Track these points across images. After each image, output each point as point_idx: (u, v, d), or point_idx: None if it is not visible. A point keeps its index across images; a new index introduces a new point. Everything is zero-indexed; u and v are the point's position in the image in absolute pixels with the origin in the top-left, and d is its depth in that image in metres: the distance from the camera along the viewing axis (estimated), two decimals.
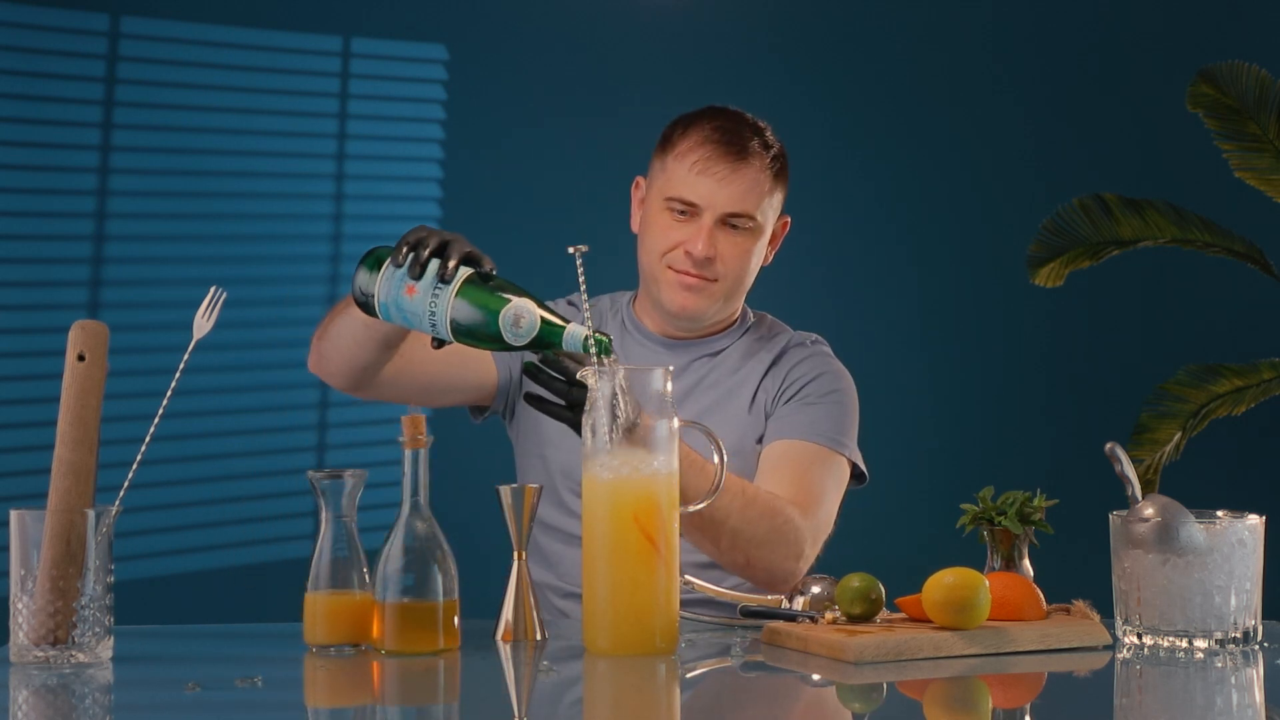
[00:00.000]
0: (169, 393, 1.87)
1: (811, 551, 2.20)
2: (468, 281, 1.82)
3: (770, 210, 2.31)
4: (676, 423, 1.80)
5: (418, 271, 1.82)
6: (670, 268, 2.28)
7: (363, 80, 4.00)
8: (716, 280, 2.28)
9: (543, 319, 1.81)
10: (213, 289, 1.91)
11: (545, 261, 2.87)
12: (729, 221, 2.27)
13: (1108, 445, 1.87)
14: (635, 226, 2.37)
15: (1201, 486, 3.41)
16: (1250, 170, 3.73)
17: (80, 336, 1.82)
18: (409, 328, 1.87)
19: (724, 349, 2.37)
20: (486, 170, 4.01)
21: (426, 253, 1.82)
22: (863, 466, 2.33)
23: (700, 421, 2.26)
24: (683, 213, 2.27)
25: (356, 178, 3.98)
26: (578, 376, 1.85)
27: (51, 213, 3.89)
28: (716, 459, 1.95)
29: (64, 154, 3.88)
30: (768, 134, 2.33)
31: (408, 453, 1.80)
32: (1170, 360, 3.81)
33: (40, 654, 1.71)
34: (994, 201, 4.10)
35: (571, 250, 1.99)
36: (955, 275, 4.09)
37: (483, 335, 1.82)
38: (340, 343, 2.14)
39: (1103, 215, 3.74)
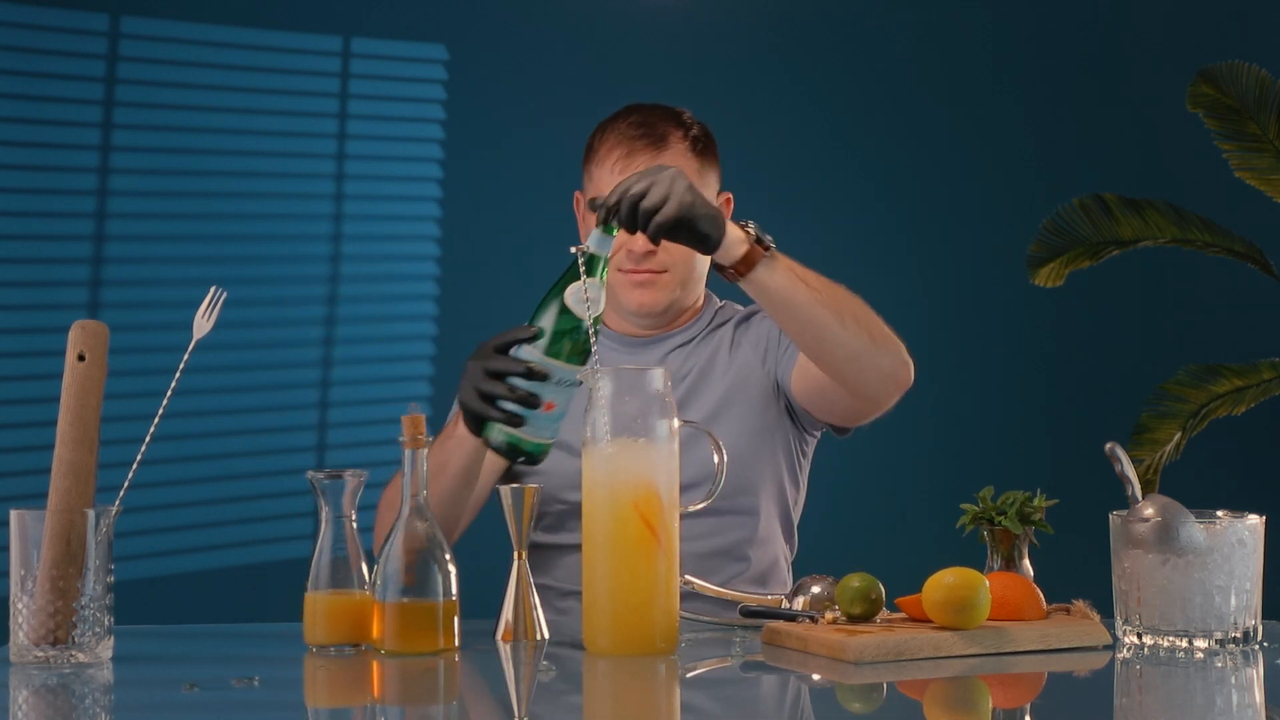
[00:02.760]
0: (169, 393, 1.87)
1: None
2: (549, 348, 1.87)
3: (703, 190, 2.32)
4: (676, 423, 1.81)
5: (535, 402, 1.86)
6: (619, 270, 2.30)
7: (363, 80, 4.00)
8: (665, 271, 2.30)
9: (561, 307, 1.86)
10: (213, 289, 1.91)
11: (545, 262, 2.87)
12: None
13: (1108, 445, 1.87)
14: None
15: (1201, 486, 3.41)
16: (1250, 170, 3.73)
17: (80, 336, 1.82)
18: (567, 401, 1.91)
19: (694, 337, 2.38)
20: (486, 170, 4.01)
21: (515, 394, 1.85)
22: None
23: (689, 407, 2.27)
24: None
25: (356, 178, 3.98)
26: (577, 378, 1.85)
27: (51, 213, 3.89)
28: (716, 459, 1.95)
29: (64, 154, 3.88)
30: (685, 116, 2.35)
31: (408, 453, 1.80)
32: (1170, 360, 3.81)
33: (40, 654, 1.71)
34: (994, 201, 4.10)
35: (574, 250, 2.00)
36: (955, 275, 4.09)
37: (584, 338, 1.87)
38: (437, 503, 2.13)
39: (1103, 215, 3.74)
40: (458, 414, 2.10)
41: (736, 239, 1.97)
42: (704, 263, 2.35)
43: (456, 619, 1.79)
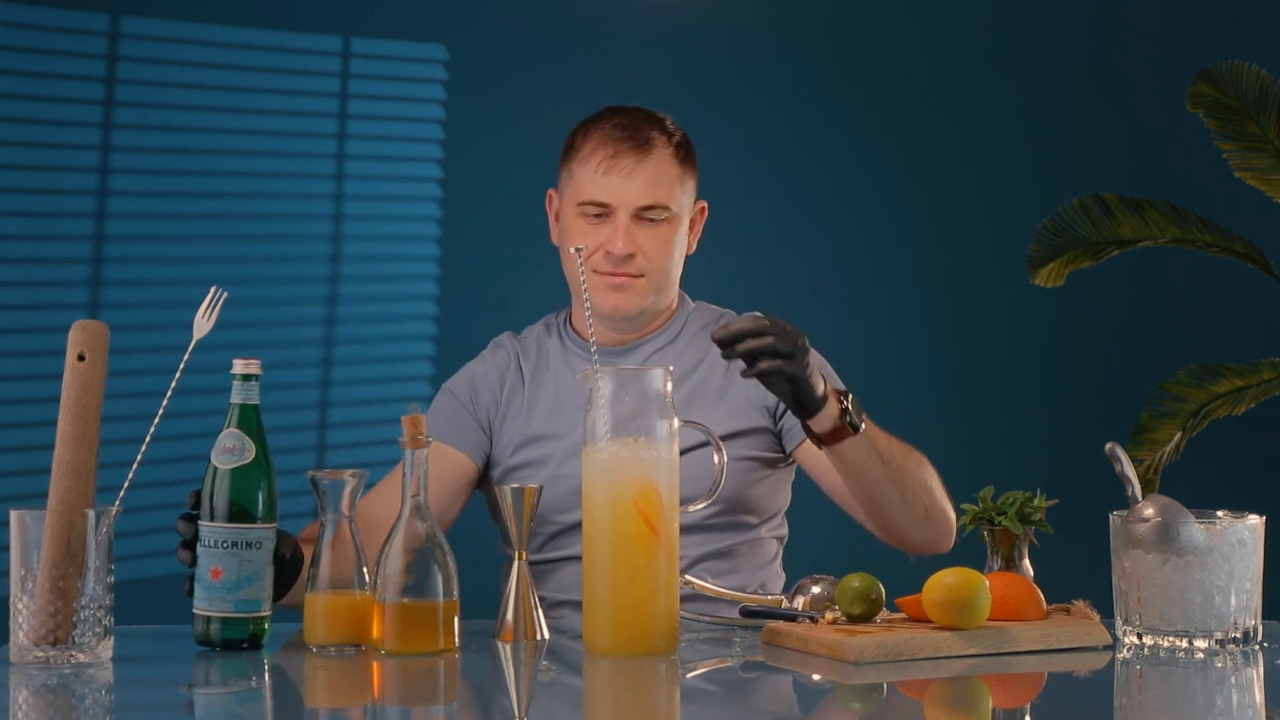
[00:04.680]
0: (169, 393, 1.87)
1: None
2: (202, 506, 1.85)
3: (684, 197, 2.32)
4: (677, 422, 1.81)
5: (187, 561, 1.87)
6: (595, 271, 2.28)
7: (363, 80, 4.00)
8: (642, 275, 2.28)
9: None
10: (213, 289, 1.91)
11: (545, 262, 2.87)
12: (644, 215, 2.27)
13: (1108, 445, 1.87)
14: (555, 239, 2.38)
15: (1201, 486, 3.41)
16: (1250, 170, 3.73)
17: (80, 336, 1.83)
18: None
19: (672, 340, 2.37)
20: (486, 170, 4.01)
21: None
22: None
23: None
24: (597, 215, 2.28)
25: (356, 178, 3.98)
26: (578, 377, 1.86)
27: (51, 213, 3.89)
28: (717, 459, 1.95)
29: (64, 154, 3.88)
30: (668, 122, 2.34)
31: (408, 453, 1.80)
32: (1170, 360, 3.81)
33: (40, 654, 1.71)
34: (994, 201, 4.09)
35: (573, 250, 2.01)
36: (955, 275, 4.09)
37: (244, 493, 1.86)
38: None
39: (1103, 215, 3.74)
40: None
41: (830, 415, 1.99)
42: (679, 267, 2.34)
43: (456, 619, 1.79)
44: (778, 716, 1.60)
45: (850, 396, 2.01)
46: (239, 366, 1.87)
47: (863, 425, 2.01)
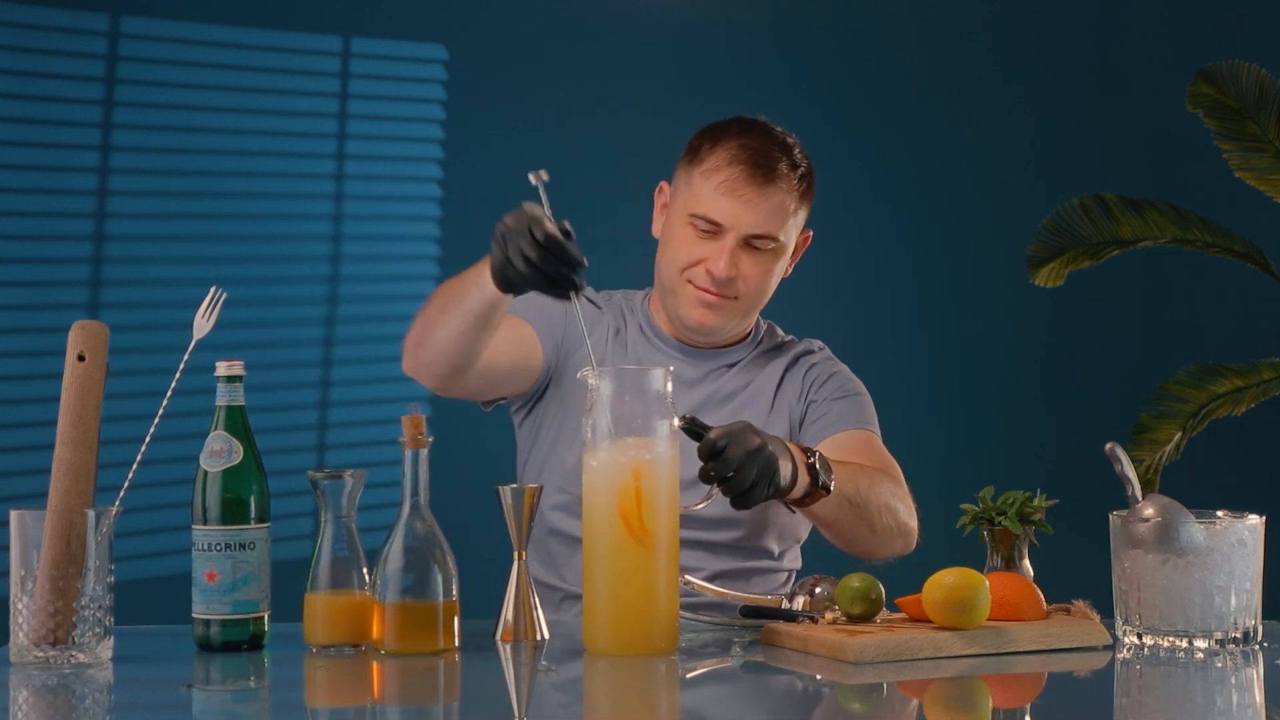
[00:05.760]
0: (169, 393, 1.87)
1: None
2: (192, 505, 1.85)
3: (794, 229, 2.31)
4: (677, 422, 1.81)
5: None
6: (690, 282, 2.27)
7: (363, 80, 4.00)
8: (737, 298, 2.28)
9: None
10: (213, 289, 1.91)
11: None
12: (752, 243, 2.26)
13: (1108, 445, 1.87)
14: (656, 232, 2.36)
15: (1201, 486, 3.41)
16: (1250, 170, 3.73)
17: (80, 336, 1.83)
18: None
19: (740, 361, 2.37)
20: (486, 170, 4.01)
21: None
22: None
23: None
24: (706, 231, 2.26)
25: (356, 178, 3.98)
26: (578, 376, 1.86)
27: (51, 213, 3.89)
28: None
29: (64, 154, 3.88)
30: (796, 152, 2.32)
31: (408, 453, 1.81)
32: (1170, 360, 3.81)
33: (40, 654, 1.71)
34: (994, 201, 4.10)
35: (531, 176, 2.01)
36: (955, 275, 4.09)
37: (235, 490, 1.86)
38: (446, 336, 2.19)
39: (1103, 215, 3.74)
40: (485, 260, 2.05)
41: (801, 485, 1.98)
42: (772, 292, 2.33)
43: (456, 619, 1.79)
44: (778, 716, 1.60)
45: (818, 455, 2.00)
46: (222, 368, 1.87)
47: (832, 484, 2.01)
